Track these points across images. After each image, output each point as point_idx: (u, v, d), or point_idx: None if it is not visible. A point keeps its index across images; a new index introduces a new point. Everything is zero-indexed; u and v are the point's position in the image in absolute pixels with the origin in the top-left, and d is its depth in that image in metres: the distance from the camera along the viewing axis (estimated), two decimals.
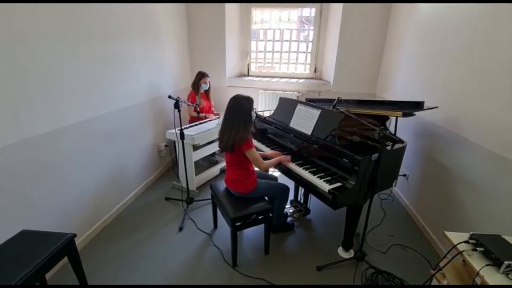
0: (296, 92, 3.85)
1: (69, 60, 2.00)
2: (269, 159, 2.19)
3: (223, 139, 1.97)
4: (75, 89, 2.07)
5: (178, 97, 2.44)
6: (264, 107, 3.96)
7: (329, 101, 2.41)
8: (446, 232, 1.37)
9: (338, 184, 1.82)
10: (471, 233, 1.32)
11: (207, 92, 3.53)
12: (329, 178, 1.90)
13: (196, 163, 3.04)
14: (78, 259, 1.62)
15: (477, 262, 1.21)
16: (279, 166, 2.20)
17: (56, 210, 2.00)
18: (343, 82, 3.70)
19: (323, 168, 2.01)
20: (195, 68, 3.67)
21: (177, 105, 2.41)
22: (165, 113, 3.40)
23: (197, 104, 3.07)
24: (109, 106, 2.45)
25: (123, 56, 2.57)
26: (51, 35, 1.85)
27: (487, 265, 1.18)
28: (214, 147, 3.29)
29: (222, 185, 2.26)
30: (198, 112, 3.18)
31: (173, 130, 2.76)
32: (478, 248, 1.25)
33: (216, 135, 2.92)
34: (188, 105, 2.96)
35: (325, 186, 1.80)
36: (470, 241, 1.30)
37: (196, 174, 3.09)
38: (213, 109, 3.67)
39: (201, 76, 3.37)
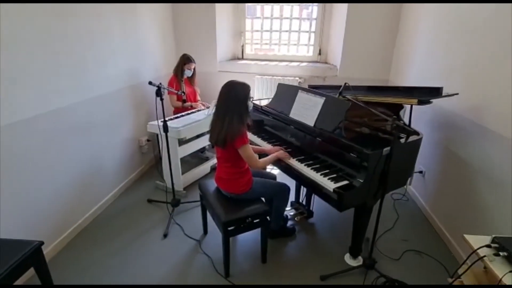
0: (297, 78, 3.86)
1: (33, 37, 1.97)
2: (266, 155, 2.19)
3: (214, 132, 1.97)
4: (40, 72, 2.04)
5: (160, 83, 2.43)
6: (260, 94, 3.95)
7: (335, 87, 2.41)
8: (466, 236, 1.38)
9: (345, 182, 1.83)
10: (493, 236, 1.33)
11: (191, 78, 3.52)
12: (335, 175, 1.91)
13: (182, 160, 3.05)
14: (46, 270, 1.62)
15: (499, 268, 1.22)
16: (278, 163, 2.21)
17: (20, 215, 2.00)
18: (351, 66, 3.70)
19: (327, 165, 2.01)
20: (181, 51, 3.65)
21: (159, 93, 2.40)
22: (146, 102, 3.40)
23: (182, 92, 3.06)
24: (82, 93, 2.44)
25: (97, 34, 2.55)
26: (8, 6, 1.78)
27: (511, 271, 1.19)
28: (204, 141, 3.29)
29: (212, 184, 2.27)
30: (183, 101, 3.16)
31: (156, 122, 2.75)
32: (501, 253, 1.26)
33: (205, 127, 2.97)
34: (170, 92, 2.93)
35: (329, 185, 1.81)
36: (492, 245, 1.31)
37: (183, 172, 3.09)
38: (198, 97, 3.67)
39: (186, 60, 3.36)
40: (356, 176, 1.83)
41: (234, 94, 1.90)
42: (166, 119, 2.57)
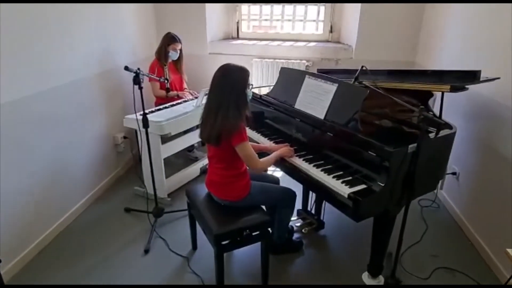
0: (304, 61, 3.85)
1: None
2: (267, 154, 2.18)
3: (205, 127, 1.98)
4: None
5: (139, 69, 2.42)
6: (259, 81, 3.94)
7: (350, 72, 2.40)
8: (509, 250, 1.36)
9: (362, 186, 1.81)
10: None
11: (176, 63, 3.52)
12: (350, 178, 1.89)
13: (166, 160, 3.04)
14: None
15: None
16: (281, 163, 2.21)
17: None
18: (370, 47, 3.70)
19: (341, 165, 2.00)
20: (163, 29, 3.62)
21: (137, 80, 2.39)
22: (122, 92, 3.39)
23: (165, 79, 3.05)
24: (41, 81, 2.42)
25: (61, 11, 2.54)
26: None
27: None
28: (192, 138, 3.29)
29: (202, 190, 2.27)
30: (167, 90, 3.15)
31: (134, 116, 2.73)
32: None
33: (194, 121, 2.99)
34: (151, 78, 2.91)
35: (344, 190, 1.80)
36: None
37: (167, 176, 3.10)
38: (185, 85, 3.66)
39: (170, 39, 3.35)
40: (375, 179, 1.81)
41: (229, 81, 1.90)
42: (147, 111, 2.55)
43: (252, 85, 2.03)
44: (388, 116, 2.23)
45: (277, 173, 3.20)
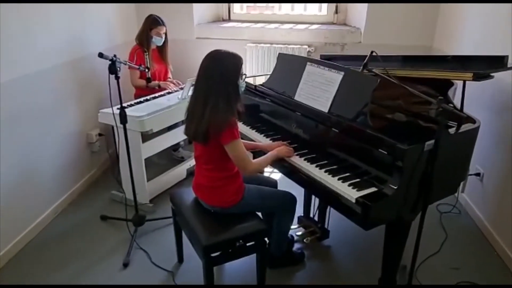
0: (305, 46, 3.85)
1: None
2: (262, 153, 2.17)
3: (192, 122, 1.97)
4: None
5: (115, 56, 2.40)
6: (254, 69, 3.94)
7: (358, 58, 2.38)
8: None
9: (372, 189, 1.79)
10: None
11: (161, 49, 3.51)
12: (358, 180, 1.87)
13: (148, 161, 3.02)
14: None
15: None
16: (279, 164, 2.20)
17: None
18: (380, 29, 3.70)
19: (347, 165, 1.98)
20: (144, 11, 3.60)
21: (113, 69, 2.37)
22: (96, 82, 3.38)
23: (146, 67, 3.03)
24: (4, 71, 2.38)
25: None
26: None
27: None
28: (178, 135, 3.27)
29: (189, 194, 2.26)
30: (148, 80, 3.14)
31: (110, 110, 2.72)
32: None
33: (179, 116, 2.96)
34: (130, 67, 2.92)
35: (351, 193, 1.78)
36: None
37: (149, 178, 3.09)
38: (170, 75, 3.64)
39: (152, 22, 3.34)
40: (387, 180, 1.80)
41: (220, 69, 1.89)
42: (125, 105, 2.54)
43: (245, 74, 2.02)
44: (401, 109, 2.22)
45: (275, 175, 3.18)
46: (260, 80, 2.73)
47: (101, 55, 2.35)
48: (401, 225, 1.95)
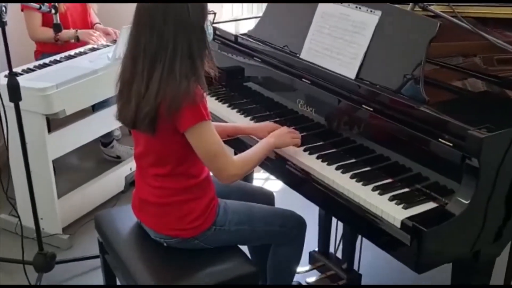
0: None
1: None
2: (248, 145, 1.76)
3: (128, 100, 1.50)
4: None
5: None
6: (235, 9, 3.43)
7: None
8: None
9: (428, 205, 1.43)
10: None
11: None
12: (405, 190, 1.50)
13: (60, 164, 2.65)
14: None
15: None
16: (278, 164, 1.76)
17: None
18: None
19: (387, 167, 1.60)
20: None
21: None
22: None
23: (53, 6, 2.45)
24: None
25: None
26: None
27: None
28: (109, 122, 2.68)
29: (128, 218, 1.78)
30: (57, 27, 2.56)
31: None
32: None
33: (110, 90, 2.49)
34: (25, 7, 2.59)
35: (393, 212, 1.40)
36: None
37: (61, 194, 2.53)
38: (95, 20, 3.05)
39: None
40: (453, 191, 1.41)
41: (172, 9, 1.44)
42: (18, 69, 2.24)
43: (215, 13, 1.73)
44: (477, 71, 1.84)
45: (271, 183, 2.75)
46: (244, 27, 2.32)
47: None
48: (477, 264, 1.55)
